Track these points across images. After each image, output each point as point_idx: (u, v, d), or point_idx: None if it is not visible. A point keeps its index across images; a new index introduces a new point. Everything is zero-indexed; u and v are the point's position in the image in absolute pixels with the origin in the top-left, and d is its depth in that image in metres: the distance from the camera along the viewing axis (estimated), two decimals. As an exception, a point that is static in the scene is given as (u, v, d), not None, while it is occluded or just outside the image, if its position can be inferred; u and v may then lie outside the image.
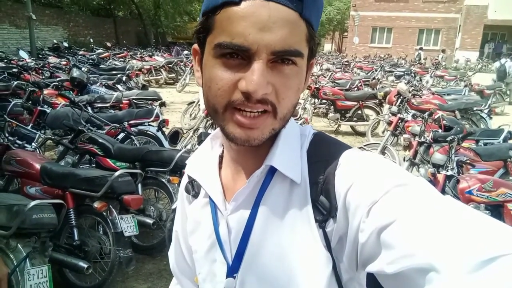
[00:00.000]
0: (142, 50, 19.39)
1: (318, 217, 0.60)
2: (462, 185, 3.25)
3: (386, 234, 0.49)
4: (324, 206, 0.60)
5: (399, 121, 5.48)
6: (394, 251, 0.48)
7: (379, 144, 5.43)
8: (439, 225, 0.46)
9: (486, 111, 7.22)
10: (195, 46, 0.66)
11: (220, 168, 0.74)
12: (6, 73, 7.95)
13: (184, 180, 0.82)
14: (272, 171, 0.65)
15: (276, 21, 0.53)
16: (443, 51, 22.39)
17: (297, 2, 0.55)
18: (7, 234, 2.28)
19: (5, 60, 10.43)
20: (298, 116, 6.15)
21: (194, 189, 0.77)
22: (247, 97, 0.55)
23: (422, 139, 4.30)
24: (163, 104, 6.05)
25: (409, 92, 7.11)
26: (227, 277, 0.67)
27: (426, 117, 4.58)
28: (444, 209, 0.48)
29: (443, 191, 3.38)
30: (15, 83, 6.37)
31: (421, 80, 11.58)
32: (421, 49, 22.39)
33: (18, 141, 3.64)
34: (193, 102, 7.65)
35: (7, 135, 3.81)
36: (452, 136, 3.67)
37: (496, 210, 3.21)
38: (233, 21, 0.54)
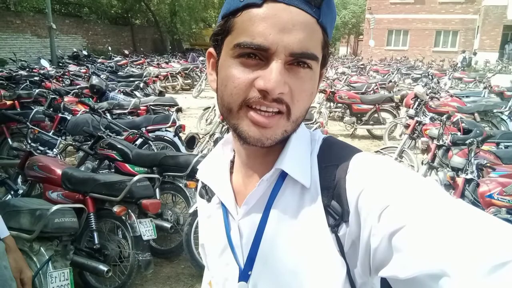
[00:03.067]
0: (159, 57, 19.71)
1: (330, 222, 0.61)
2: (482, 189, 3.18)
3: (397, 238, 0.49)
4: (336, 211, 0.60)
5: (417, 124, 5.40)
6: (405, 256, 0.48)
7: (397, 147, 5.37)
8: (450, 230, 0.46)
9: (506, 113, 7.04)
10: (211, 49, 0.67)
11: (231, 173, 0.75)
12: (28, 81, 8.18)
13: (199, 186, 0.83)
14: (283, 175, 0.66)
15: (295, 24, 0.56)
16: (463, 52, 21.89)
17: (315, 9, 0.57)
18: (30, 237, 2.35)
19: (27, 69, 10.74)
20: (314, 120, 6.13)
21: (208, 193, 0.78)
22: (264, 96, 0.57)
23: (441, 142, 4.22)
24: (179, 110, 6.13)
25: (427, 94, 7.00)
26: (239, 281, 0.68)
27: (445, 119, 4.50)
28: (455, 213, 0.48)
29: (462, 195, 3.31)
30: (37, 91, 6.57)
31: (438, 82, 11.37)
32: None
33: (40, 148, 3.74)
34: (209, 107, 7.72)
35: (29, 141, 3.91)
36: (472, 139, 3.60)
37: (518, 214, 3.13)
38: (254, 22, 0.56)
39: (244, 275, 0.67)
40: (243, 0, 0.57)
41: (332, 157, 0.65)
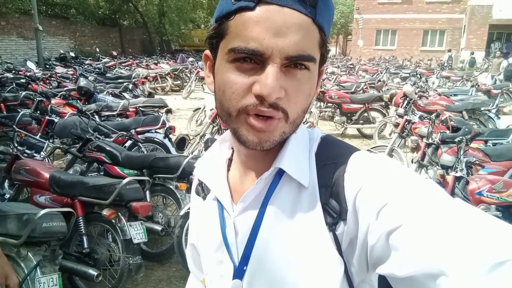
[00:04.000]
0: (148, 58, 19.59)
1: (328, 220, 0.60)
2: (471, 186, 3.22)
3: (395, 237, 0.49)
4: (334, 209, 0.60)
5: (406, 123, 5.45)
6: (403, 254, 0.48)
7: (386, 146, 5.41)
8: (448, 229, 0.46)
9: (494, 111, 7.17)
10: (207, 52, 0.66)
11: (228, 170, 0.74)
12: (14, 83, 8.07)
13: (195, 184, 0.82)
14: (280, 173, 0.66)
15: (290, 26, 0.54)
16: (449, 50, 22.19)
17: (310, 8, 0.56)
18: (17, 243, 2.29)
19: (13, 71, 10.61)
20: (304, 120, 6.12)
21: (204, 191, 0.77)
22: (261, 101, 0.56)
23: (430, 141, 4.26)
24: (169, 111, 6.09)
25: (416, 93, 7.08)
26: (233, 278, 0.67)
27: (434, 118, 4.55)
28: (452, 212, 0.48)
29: (452, 193, 3.35)
30: (23, 93, 6.48)
31: (427, 81, 11.52)
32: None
33: (27, 151, 3.67)
34: (199, 108, 7.69)
35: (16, 145, 3.85)
36: (460, 137, 3.64)
37: (507, 211, 3.16)
38: (248, 26, 0.55)
39: (238, 273, 0.67)
40: (236, 3, 0.56)
41: (331, 156, 0.65)
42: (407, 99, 6.82)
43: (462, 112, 6.87)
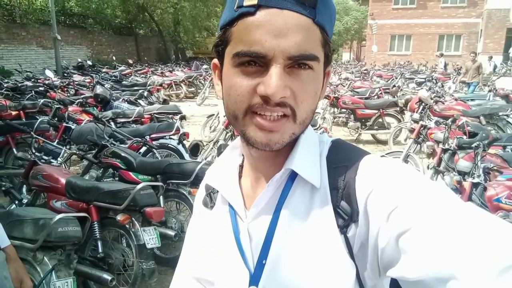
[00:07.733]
0: (163, 66, 19.85)
1: (339, 223, 0.60)
2: (489, 193, 3.14)
3: (404, 239, 0.50)
4: (346, 211, 0.60)
5: (422, 128, 5.37)
6: (412, 257, 0.48)
7: (402, 152, 5.33)
8: (458, 233, 0.46)
9: (512, 116, 7.00)
10: (215, 60, 0.68)
11: (240, 177, 0.75)
12: (33, 91, 8.25)
13: (200, 194, 0.83)
14: (292, 177, 0.66)
15: (290, 27, 0.56)
16: (442, 55, 21.23)
17: (310, 9, 0.57)
18: (34, 247, 2.34)
19: (33, 80, 10.84)
20: (318, 125, 6.11)
21: (212, 201, 0.77)
22: (266, 101, 0.57)
23: (446, 146, 4.19)
24: (183, 118, 6.14)
25: (431, 98, 6.97)
26: (249, 285, 0.66)
27: (450, 123, 4.48)
28: (462, 215, 0.48)
29: (469, 199, 3.27)
30: (42, 101, 6.61)
31: (443, 86, 11.35)
32: (442, 55, 21.46)
33: (44, 157, 3.74)
34: (213, 114, 7.75)
35: (34, 151, 3.92)
36: (478, 142, 3.57)
37: (527, 218, 3.08)
38: (250, 30, 0.57)
39: (254, 279, 0.66)
40: (238, 10, 0.58)
41: (342, 159, 0.66)
42: (423, 104, 6.72)
43: (479, 117, 6.74)
